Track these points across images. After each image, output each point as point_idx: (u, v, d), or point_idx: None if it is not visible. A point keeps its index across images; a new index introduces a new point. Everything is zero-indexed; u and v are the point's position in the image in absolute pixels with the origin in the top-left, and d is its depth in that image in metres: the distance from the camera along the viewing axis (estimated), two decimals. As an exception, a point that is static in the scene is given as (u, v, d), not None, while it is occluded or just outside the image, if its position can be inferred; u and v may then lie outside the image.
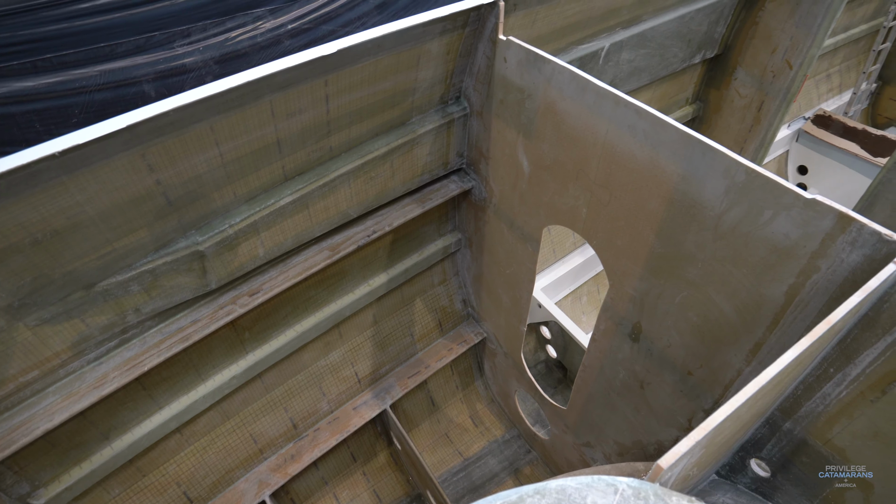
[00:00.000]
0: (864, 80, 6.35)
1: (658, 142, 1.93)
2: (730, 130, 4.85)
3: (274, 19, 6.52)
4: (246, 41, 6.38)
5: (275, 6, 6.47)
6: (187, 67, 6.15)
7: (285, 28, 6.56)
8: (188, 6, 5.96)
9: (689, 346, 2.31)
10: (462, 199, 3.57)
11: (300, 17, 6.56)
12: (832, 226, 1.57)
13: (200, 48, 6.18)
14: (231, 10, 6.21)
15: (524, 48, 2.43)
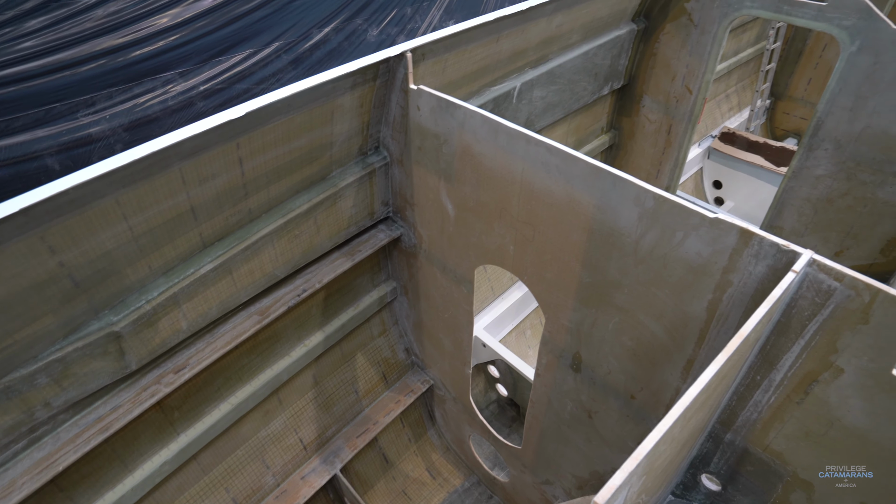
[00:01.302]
0: (759, 97, 6.94)
1: (571, 176, 2.03)
2: (645, 154, 5.15)
3: (185, 82, 6.45)
4: (156, 105, 6.27)
5: (184, 69, 6.41)
6: (94, 137, 5.96)
7: (197, 90, 6.50)
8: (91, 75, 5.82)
9: (628, 370, 2.38)
10: (392, 248, 3.58)
11: (212, 77, 6.53)
12: (736, 241, 1.69)
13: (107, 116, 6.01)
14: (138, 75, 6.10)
15: (435, 96, 2.52)
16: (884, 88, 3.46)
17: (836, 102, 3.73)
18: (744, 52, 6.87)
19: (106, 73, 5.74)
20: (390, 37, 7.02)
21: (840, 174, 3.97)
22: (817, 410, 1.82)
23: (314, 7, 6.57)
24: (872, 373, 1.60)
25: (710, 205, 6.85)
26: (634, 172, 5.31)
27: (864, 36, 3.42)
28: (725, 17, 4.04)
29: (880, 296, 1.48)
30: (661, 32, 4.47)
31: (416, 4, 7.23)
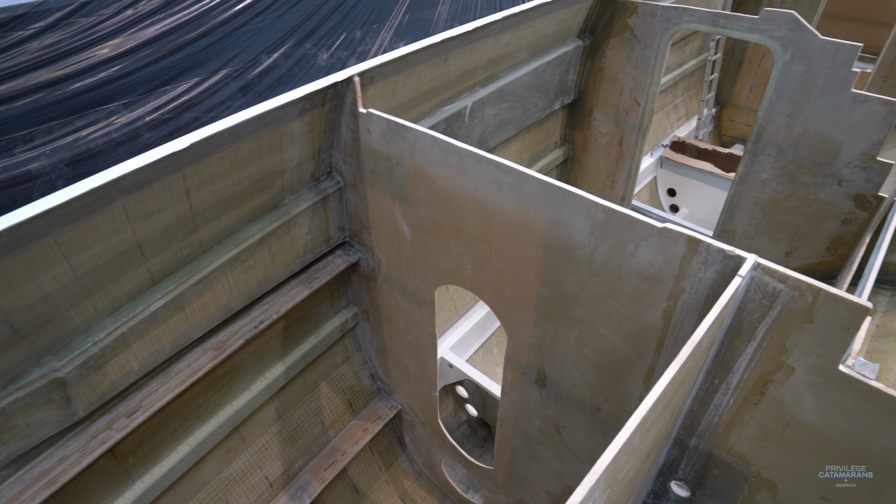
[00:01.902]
0: (704, 106, 7.22)
1: (523, 193, 2.07)
2: (599, 166, 5.28)
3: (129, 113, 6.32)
4: (100, 138, 6.12)
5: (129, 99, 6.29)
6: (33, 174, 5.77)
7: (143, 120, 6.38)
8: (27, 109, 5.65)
9: (592, 382, 2.42)
10: (351, 273, 3.56)
11: (158, 107, 6.42)
12: (685, 249, 1.74)
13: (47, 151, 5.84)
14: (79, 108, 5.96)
15: (385, 119, 2.54)
16: (817, 95, 3.66)
17: (774, 109, 3.92)
18: (687, 63, 7.15)
19: (44, 107, 5.58)
20: (341, 60, 7.04)
21: (784, 177, 4.15)
22: (774, 410, 1.88)
23: (262, 33, 6.55)
24: (821, 370, 1.67)
25: (666, 212, 7.05)
26: (590, 185, 5.44)
27: (795, 46, 3.61)
28: (666, 32, 4.21)
29: (822, 295, 1.55)
30: (607, 48, 4.62)
31: (366, 27, 7.29)
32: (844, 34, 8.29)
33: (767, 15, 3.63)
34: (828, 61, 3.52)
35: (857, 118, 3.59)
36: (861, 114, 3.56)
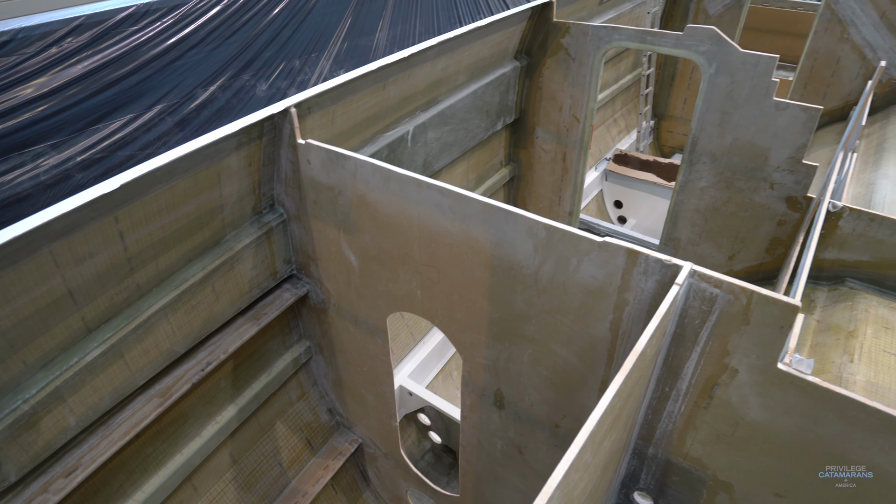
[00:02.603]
0: (643, 119, 7.51)
1: (465, 215, 2.10)
2: (545, 183, 5.40)
3: (58, 154, 6.12)
4: (27, 182, 5.89)
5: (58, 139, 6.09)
6: (-46, 224, 5.47)
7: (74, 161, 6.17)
8: (-56, 156, 5.40)
9: (549, 399, 2.45)
10: (301, 306, 3.51)
11: (90, 146, 6.23)
12: (625, 261, 1.80)
13: (-31, 200, 5.57)
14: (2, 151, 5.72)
15: (324, 148, 2.55)
16: (742, 104, 3.87)
17: (705, 120, 4.11)
18: (623, 78, 7.44)
19: (-37, 153, 5.34)
20: (280, 90, 7.02)
21: (720, 184, 4.35)
22: (723, 412, 1.94)
23: (196, 66, 6.47)
24: (762, 369, 1.74)
25: (614, 224, 7.26)
26: (538, 201, 5.56)
27: (719, 59, 3.82)
28: (598, 50, 4.38)
29: (755, 297, 1.63)
30: (544, 67, 4.77)
31: (305, 56, 7.30)
32: (765, 45, 8.81)
33: (691, 31, 3.83)
34: (749, 72, 3.73)
35: (780, 124, 3.81)
36: (784, 120, 3.78)
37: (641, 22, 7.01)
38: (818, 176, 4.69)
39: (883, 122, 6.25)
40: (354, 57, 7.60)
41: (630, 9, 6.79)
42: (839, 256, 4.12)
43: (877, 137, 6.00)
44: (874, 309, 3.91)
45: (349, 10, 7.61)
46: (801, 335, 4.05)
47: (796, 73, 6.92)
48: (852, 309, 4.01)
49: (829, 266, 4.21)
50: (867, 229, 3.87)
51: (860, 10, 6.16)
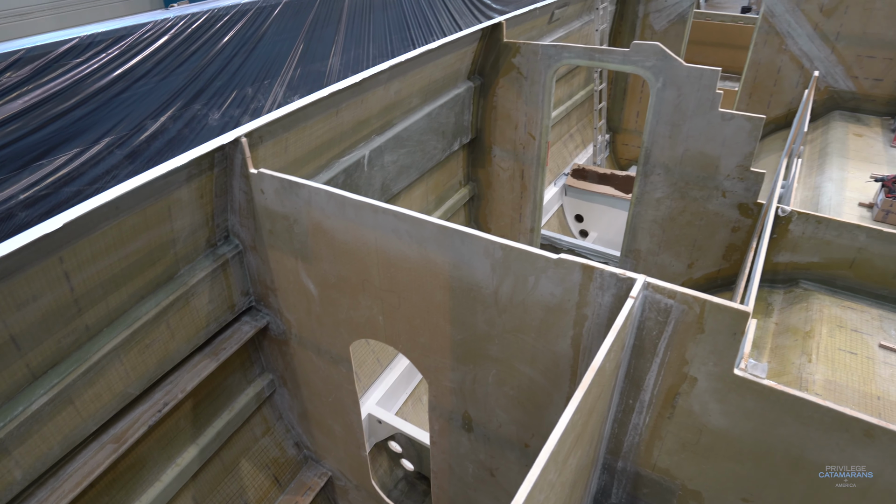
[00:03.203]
0: (598, 133, 7.70)
1: (422, 239, 2.12)
2: (505, 201, 5.47)
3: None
4: (-34, 224, 5.67)
5: (-2, 178, 5.89)
6: None
7: (17, 199, 5.98)
8: None
9: (517, 419, 2.45)
10: (262, 338, 3.46)
11: (34, 183, 6.05)
12: (581, 277, 1.84)
13: None
14: (-62, 193, 5.52)
15: (277, 177, 2.53)
16: (690, 116, 4.01)
17: (656, 132, 4.25)
18: (577, 94, 7.63)
19: None
20: (234, 118, 6.96)
21: (675, 194, 4.48)
22: (686, 421, 1.98)
23: (145, 97, 6.37)
24: (719, 376, 1.79)
25: (577, 238, 7.38)
26: (498, 219, 5.62)
27: (665, 74, 3.96)
28: (549, 68, 4.50)
29: (707, 305, 1.68)
30: (497, 87, 4.86)
31: (257, 84, 7.27)
32: (710, 58, 9.18)
33: (636, 48, 3.97)
34: (694, 85, 3.88)
35: (728, 134, 3.96)
36: (731, 130, 3.93)
37: (591, 39, 7.23)
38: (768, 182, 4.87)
39: (824, 127, 6.55)
40: (308, 82, 7.60)
41: (579, 27, 7.00)
42: (792, 259, 4.28)
43: (820, 142, 6.29)
44: (827, 309, 4.07)
45: (301, 37, 7.64)
46: (761, 338, 4.17)
47: (741, 83, 7.21)
48: (807, 310, 4.15)
49: (784, 269, 4.37)
50: (815, 232, 4.04)
51: (795, 22, 6.49)
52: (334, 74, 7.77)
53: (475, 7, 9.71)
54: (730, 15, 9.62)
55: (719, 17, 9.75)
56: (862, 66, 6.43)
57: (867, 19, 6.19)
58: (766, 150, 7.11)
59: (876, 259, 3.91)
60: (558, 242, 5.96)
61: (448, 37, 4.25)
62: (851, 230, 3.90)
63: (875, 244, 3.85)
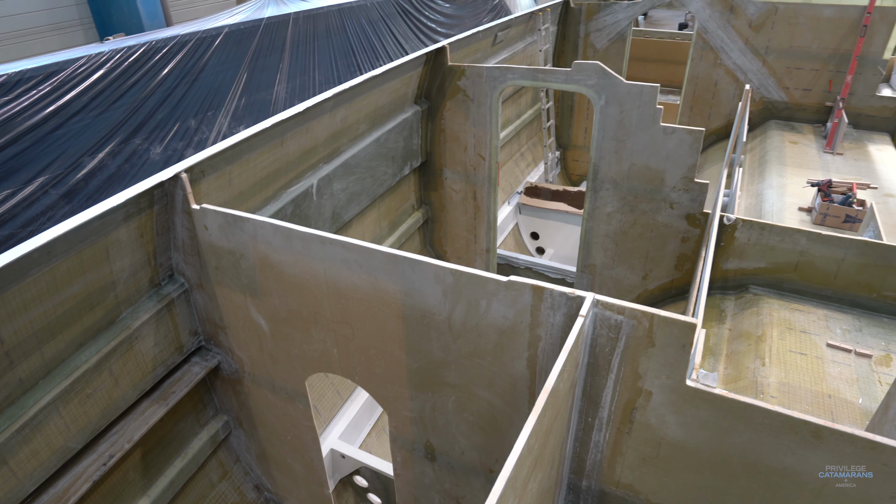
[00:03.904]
0: (548, 151, 7.87)
1: (372, 268, 2.11)
2: (459, 223, 5.51)
3: (-76, 240, 5.63)
4: None
5: (-78, 225, 5.62)
6: None
7: (-57, 247, 5.68)
8: None
9: (479, 445, 2.44)
10: (214, 379, 3.36)
11: (-38, 229, 5.77)
12: (532, 298, 1.86)
13: None
14: None
15: (221, 212, 2.49)
16: (633, 131, 4.14)
17: (602, 148, 4.37)
18: (525, 113, 7.79)
19: None
20: (177, 152, 6.82)
21: (625, 208, 4.60)
22: (645, 435, 2.01)
23: (81, 134, 6.19)
24: (672, 388, 1.83)
25: (534, 256, 7.47)
26: (454, 241, 5.65)
27: (607, 91, 4.09)
28: (495, 89, 4.59)
29: (656, 319, 1.72)
30: (444, 110, 4.92)
31: (200, 115, 7.17)
32: (652, 73, 9.55)
33: (578, 67, 4.09)
34: (635, 101, 4.02)
35: (670, 147, 4.10)
36: (673, 143, 4.08)
37: (535, 59, 7.42)
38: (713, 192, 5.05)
39: (762, 136, 6.87)
40: (254, 112, 7.54)
41: (523, 48, 7.18)
42: (740, 266, 4.43)
43: (759, 151, 6.58)
44: (776, 312, 4.22)
45: (244, 66, 7.59)
46: (717, 345, 4.29)
47: (681, 97, 7.51)
48: (758, 314, 4.30)
49: (733, 275, 4.52)
50: (760, 238, 4.20)
51: (727, 38, 6.82)
52: (280, 103, 7.73)
53: (420, 31, 9.86)
54: (667, 32, 10.04)
55: (658, 35, 10.17)
56: (791, 78, 6.79)
57: (792, 34, 6.55)
58: (710, 161, 7.40)
59: (818, 261, 4.09)
60: (515, 261, 6.03)
61: (392, 62, 4.30)
62: (793, 234, 4.08)
63: (815, 247, 4.03)
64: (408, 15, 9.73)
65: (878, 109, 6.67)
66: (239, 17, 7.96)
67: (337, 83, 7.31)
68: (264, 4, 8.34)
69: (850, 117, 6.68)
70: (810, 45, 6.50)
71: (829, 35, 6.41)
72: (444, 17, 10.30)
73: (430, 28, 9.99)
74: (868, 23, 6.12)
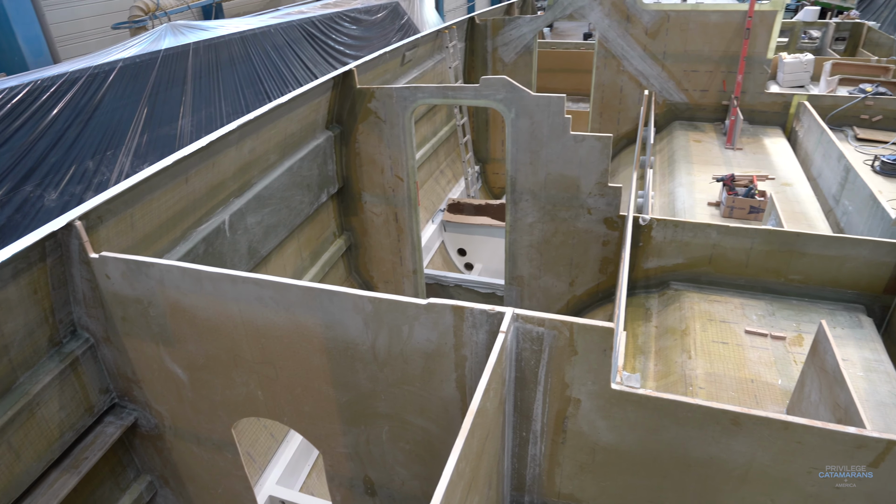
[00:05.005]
0: (468, 166, 8.00)
1: (289, 303, 2.07)
2: (383, 246, 5.50)
3: None
4: None
5: None
6: None
7: None
8: None
9: (419, 473, 2.43)
10: (132, 437, 3.17)
11: None
12: (453, 318, 1.88)
13: None
14: None
15: (123, 259, 2.38)
16: (545, 141, 4.29)
17: (518, 160, 4.49)
18: (441, 130, 7.91)
19: None
20: (75, 196, 6.46)
21: (545, 218, 4.74)
22: (578, 443, 2.06)
23: (-38, 185, 5.77)
24: (599, 393, 1.89)
25: (463, 273, 7.54)
26: (379, 265, 5.62)
27: (517, 104, 4.22)
28: (406, 109, 4.63)
29: (575, 327, 1.78)
30: (357, 133, 4.92)
31: (99, 156, 6.83)
32: (561, 83, 9.93)
33: (485, 82, 4.20)
34: (544, 112, 4.17)
35: (582, 155, 4.27)
36: (584, 151, 4.24)
37: (446, 76, 7.55)
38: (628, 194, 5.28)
39: (668, 137, 7.27)
40: (158, 148, 7.27)
41: (432, 65, 7.30)
42: (659, 263, 4.64)
43: (667, 151, 6.96)
44: (697, 305, 4.44)
45: (143, 101, 7.31)
46: (645, 343, 4.47)
47: (590, 104, 7.84)
48: (680, 309, 4.52)
49: (654, 274, 4.73)
50: (675, 235, 4.43)
51: (627, 45, 7.20)
52: (186, 137, 7.49)
53: (328, 54, 9.84)
54: (572, 42, 10.49)
55: (563, 46, 10.60)
56: (689, 80, 7.24)
57: (685, 39, 7.00)
58: (623, 164, 7.74)
59: (729, 252, 4.35)
60: (444, 280, 6.06)
61: (298, 89, 4.26)
62: (704, 229, 4.32)
63: (725, 239, 4.29)
64: (314, 39, 9.70)
65: (768, 105, 7.21)
66: (134, 49, 7.68)
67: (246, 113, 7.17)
68: (161, 35, 8.08)
69: (745, 114, 7.19)
70: (702, 49, 6.96)
71: (718, 38, 6.90)
72: (352, 39, 10.33)
73: (338, 51, 9.99)
74: (750, 26, 6.63)
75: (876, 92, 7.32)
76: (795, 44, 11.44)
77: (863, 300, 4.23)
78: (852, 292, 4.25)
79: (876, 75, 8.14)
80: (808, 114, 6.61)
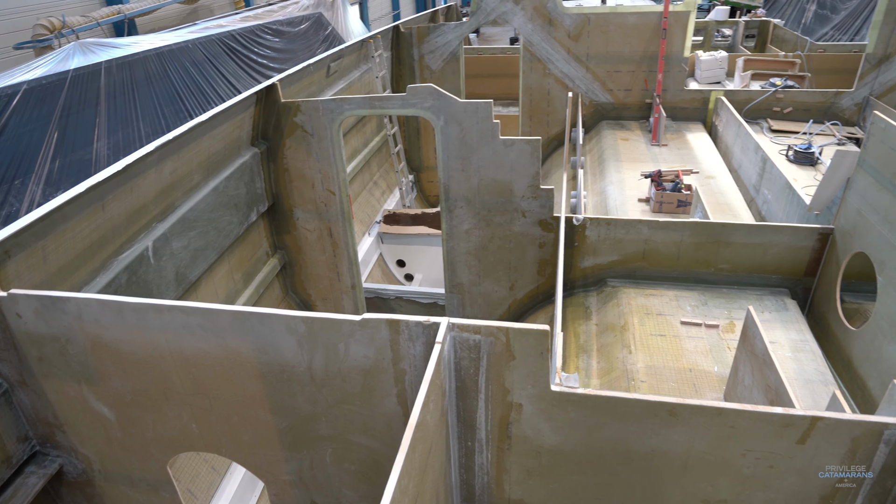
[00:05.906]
0: (401, 176, 8.01)
1: (218, 330, 2.01)
2: (318, 263, 5.43)
3: None
4: None
5: None
6: None
7: None
8: None
9: (367, 494, 2.40)
10: (57, 486, 3.00)
11: None
12: (389, 332, 1.88)
13: None
14: None
15: (34, 296, 2.26)
16: (476, 147, 4.35)
17: (449, 167, 4.54)
18: (372, 141, 7.90)
19: None
20: (-19, 231, 6.07)
21: (481, 223, 4.80)
22: (524, 448, 2.09)
23: None
24: (539, 396, 1.92)
25: (403, 284, 7.54)
26: (316, 283, 5.55)
27: (445, 112, 4.27)
28: (333, 122, 4.60)
29: (511, 332, 1.81)
30: (285, 148, 4.85)
31: (6, 185, 6.46)
32: (490, 88, 10.10)
33: (412, 91, 4.23)
34: (473, 118, 4.23)
35: (513, 159, 4.35)
36: (514, 155, 4.33)
37: (374, 87, 7.55)
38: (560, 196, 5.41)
39: (597, 137, 7.51)
40: (72, 174, 6.92)
41: (359, 76, 7.28)
42: (595, 262, 4.78)
43: (597, 151, 7.19)
44: (634, 300, 4.60)
45: (53, 124, 6.96)
46: (587, 341, 4.58)
47: (520, 108, 8.01)
48: (619, 305, 4.66)
49: (591, 272, 4.87)
50: (608, 233, 4.57)
51: (551, 49, 7.41)
52: (103, 161, 7.17)
53: (252, 69, 9.65)
54: (498, 47, 10.69)
55: (489, 51, 10.80)
56: (613, 80, 7.51)
57: (606, 41, 7.27)
58: (555, 166, 7.93)
59: (660, 246, 4.52)
60: (384, 293, 6.04)
61: (219, 106, 4.17)
62: (636, 225, 4.48)
63: (656, 233, 4.46)
64: (236, 53, 9.49)
65: (688, 101, 7.57)
66: (39, 70, 7.31)
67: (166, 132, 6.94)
68: (69, 55, 7.73)
69: (668, 111, 7.52)
70: (623, 50, 7.25)
71: (637, 39, 7.21)
72: (275, 52, 10.18)
73: (261, 64, 9.81)
74: (666, 26, 6.96)
75: (785, 85, 7.81)
76: (710, 42, 12.07)
77: (787, 284, 4.49)
78: (777, 277, 4.50)
79: (784, 70, 8.69)
80: (726, 108, 6.98)
